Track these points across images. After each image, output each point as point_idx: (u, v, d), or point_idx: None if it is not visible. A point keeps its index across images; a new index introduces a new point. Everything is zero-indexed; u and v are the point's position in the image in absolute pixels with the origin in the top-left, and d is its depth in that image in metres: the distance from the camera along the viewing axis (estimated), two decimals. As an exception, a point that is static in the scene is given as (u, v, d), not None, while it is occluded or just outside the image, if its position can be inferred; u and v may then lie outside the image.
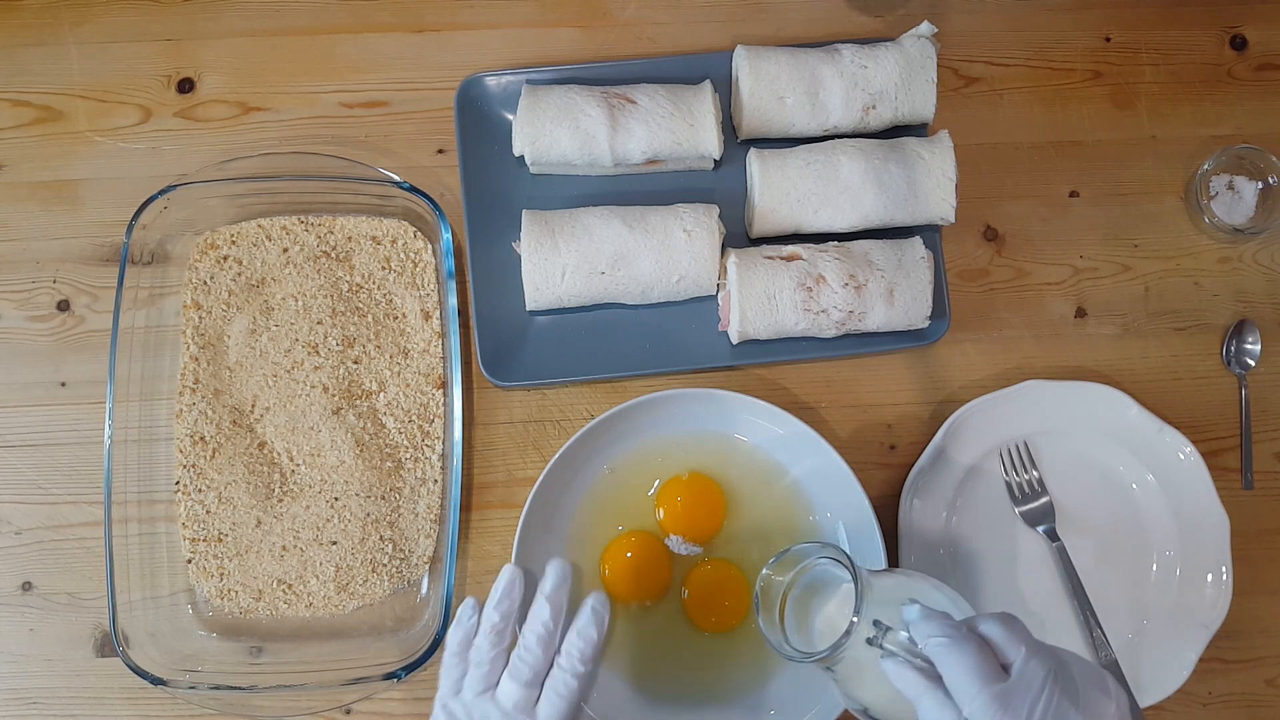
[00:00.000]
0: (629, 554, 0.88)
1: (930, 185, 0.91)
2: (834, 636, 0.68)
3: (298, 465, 0.91)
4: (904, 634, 0.65)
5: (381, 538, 0.90)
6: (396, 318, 0.94)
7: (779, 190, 0.91)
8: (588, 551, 0.90)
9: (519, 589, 0.76)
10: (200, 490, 0.90)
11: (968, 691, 0.61)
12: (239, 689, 0.85)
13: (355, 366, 0.92)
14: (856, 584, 0.68)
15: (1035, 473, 0.92)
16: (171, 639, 0.88)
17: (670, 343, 0.93)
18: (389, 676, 0.85)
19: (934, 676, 0.63)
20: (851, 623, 0.67)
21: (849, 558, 0.70)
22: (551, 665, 0.73)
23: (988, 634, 0.63)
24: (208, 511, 0.90)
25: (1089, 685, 0.62)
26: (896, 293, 0.89)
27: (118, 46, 0.98)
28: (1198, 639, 0.89)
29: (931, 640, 0.63)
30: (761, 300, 0.88)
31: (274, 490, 0.91)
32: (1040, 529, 0.91)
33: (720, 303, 0.92)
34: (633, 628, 0.89)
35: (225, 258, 0.93)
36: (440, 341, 0.93)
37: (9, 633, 0.90)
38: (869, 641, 0.67)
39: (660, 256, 0.89)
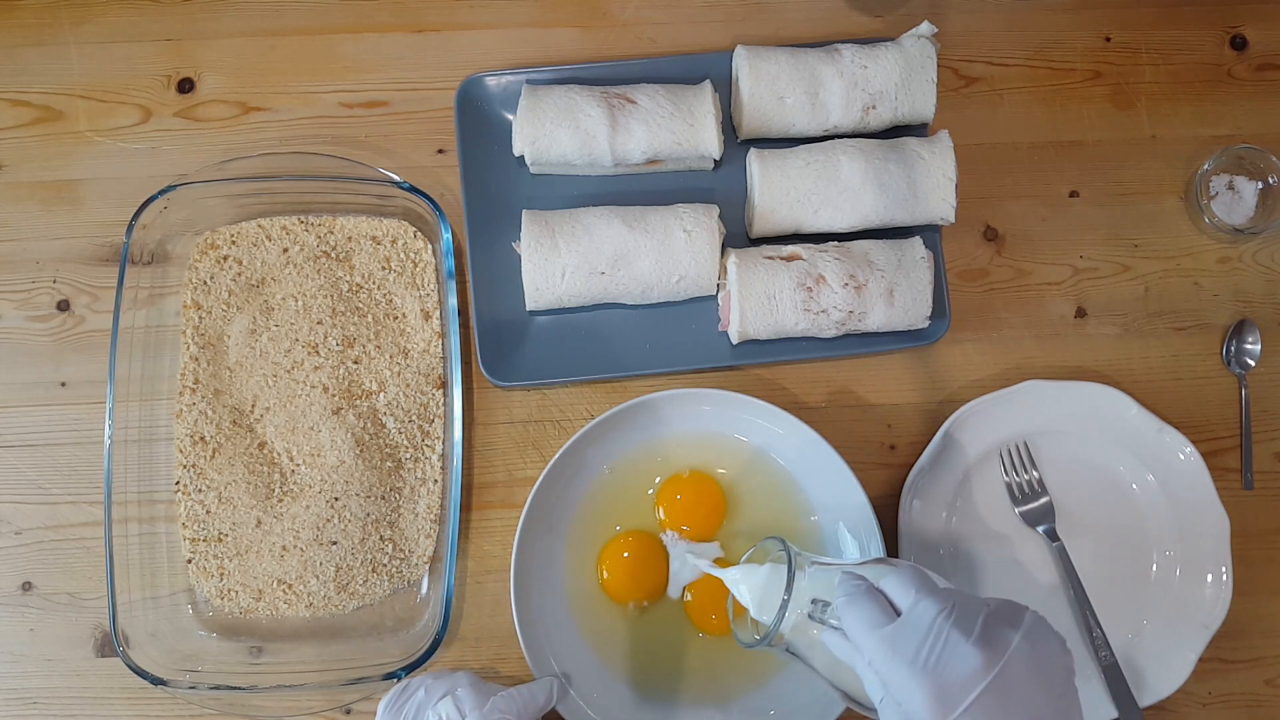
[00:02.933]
0: (625, 554, 0.88)
1: (930, 185, 0.91)
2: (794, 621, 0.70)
3: (298, 465, 0.91)
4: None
5: (381, 538, 0.90)
6: (396, 318, 0.94)
7: (779, 190, 0.90)
8: (588, 552, 0.90)
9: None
10: (200, 490, 0.90)
11: (861, 639, 0.63)
12: (239, 689, 0.85)
13: (355, 366, 0.92)
14: (789, 563, 0.70)
15: (1035, 473, 0.92)
16: (171, 639, 0.88)
17: (670, 343, 0.93)
18: (389, 676, 0.85)
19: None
20: (783, 600, 0.69)
21: (783, 541, 0.72)
22: None
23: (883, 586, 0.65)
24: (208, 511, 0.90)
25: (994, 620, 0.62)
26: (896, 293, 0.89)
27: (118, 46, 0.99)
28: (1198, 639, 0.89)
29: (836, 602, 0.65)
30: (761, 300, 0.88)
31: (274, 490, 0.91)
32: (1040, 529, 0.91)
33: (720, 303, 0.92)
34: (633, 629, 0.89)
35: (225, 258, 0.93)
36: (440, 341, 0.93)
37: (9, 633, 0.91)
38: (811, 618, 0.69)
39: (660, 256, 0.89)
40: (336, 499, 0.90)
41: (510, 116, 0.95)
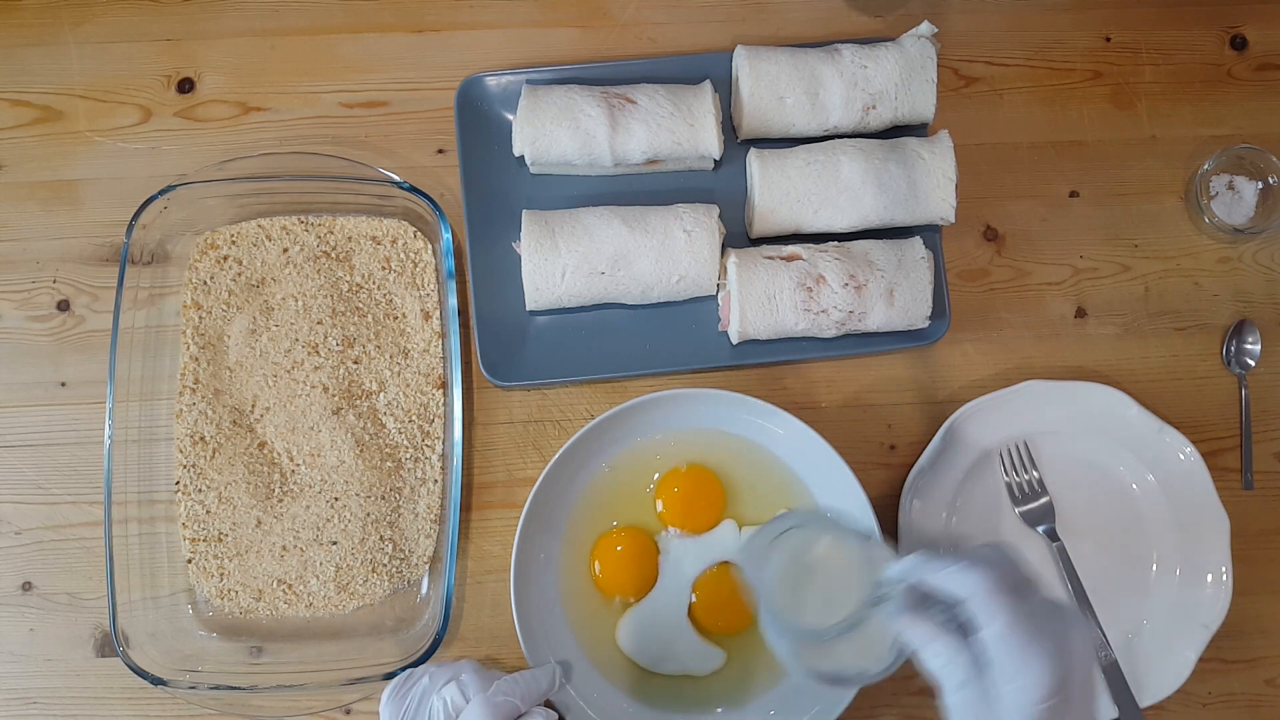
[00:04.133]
0: (618, 548, 0.89)
1: (930, 185, 0.91)
2: (845, 607, 0.66)
3: (298, 465, 0.91)
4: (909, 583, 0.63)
5: (381, 538, 0.90)
6: (396, 318, 0.94)
7: (779, 190, 0.91)
8: (588, 551, 0.90)
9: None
10: (200, 490, 0.90)
11: (994, 607, 0.59)
12: (239, 689, 0.85)
13: (355, 366, 0.92)
14: (871, 539, 0.67)
15: (1035, 473, 0.92)
16: (171, 639, 0.88)
17: (670, 343, 0.93)
18: (389, 676, 0.85)
19: (941, 624, 0.62)
20: (881, 581, 0.64)
21: (832, 519, 0.70)
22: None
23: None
24: (208, 511, 0.90)
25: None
26: (896, 293, 0.89)
27: (118, 46, 0.99)
28: (1198, 639, 0.89)
29: (944, 572, 0.62)
30: (761, 300, 0.88)
31: (274, 490, 0.91)
32: (1040, 529, 0.91)
33: (720, 303, 0.92)
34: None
35: (225, 258, 0.93)
36: (440, 341, 0.93)
37: (9, 633, 0.91)
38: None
39: (660, 256, 0.89)
40: (336, 499, 0.90)
41: (510, 116, 0.95)
